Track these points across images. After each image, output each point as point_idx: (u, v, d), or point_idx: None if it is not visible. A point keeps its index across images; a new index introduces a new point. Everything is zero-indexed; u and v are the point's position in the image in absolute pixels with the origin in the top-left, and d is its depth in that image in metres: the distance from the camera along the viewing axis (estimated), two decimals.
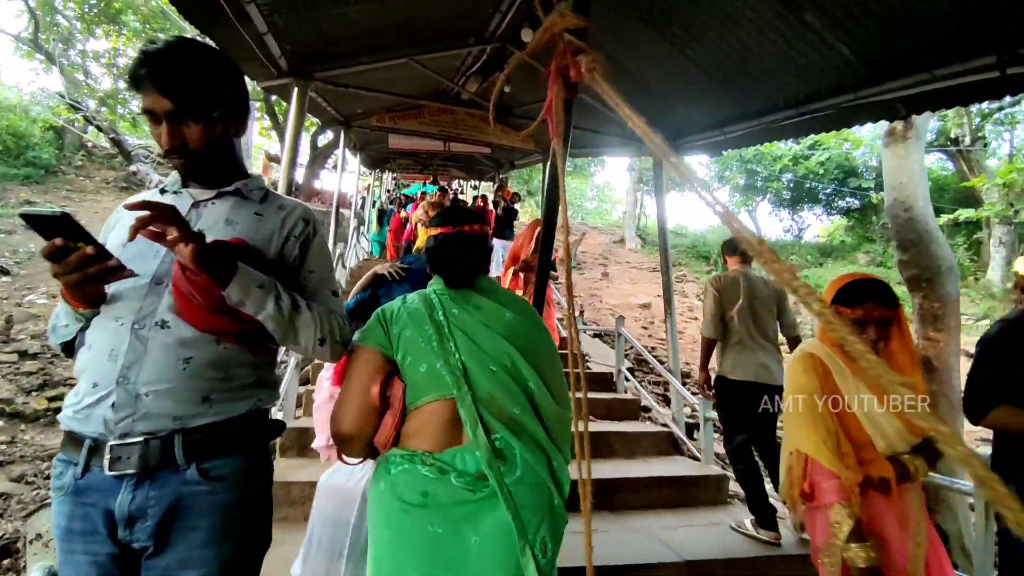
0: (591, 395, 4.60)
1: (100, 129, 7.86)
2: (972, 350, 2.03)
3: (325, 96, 5.28)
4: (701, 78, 3.73)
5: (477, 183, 15.11)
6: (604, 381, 5.14)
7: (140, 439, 1.00)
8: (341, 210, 12.45)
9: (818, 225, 19.68)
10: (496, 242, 7.36)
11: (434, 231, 1.37)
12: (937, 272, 4.50)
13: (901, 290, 5.33)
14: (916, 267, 4.54)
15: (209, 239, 1.07)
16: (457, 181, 18.02)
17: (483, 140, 8.04)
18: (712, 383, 3.36)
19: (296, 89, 3.90)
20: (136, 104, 17.63)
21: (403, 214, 10.30)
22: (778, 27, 2.93)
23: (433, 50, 4.37)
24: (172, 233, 0.93)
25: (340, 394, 1.24)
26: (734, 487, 3.63)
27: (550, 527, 1.14)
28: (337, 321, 1.20)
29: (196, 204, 1.16)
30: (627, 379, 5.08)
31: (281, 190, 3.82)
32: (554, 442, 1.21)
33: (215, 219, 1.14)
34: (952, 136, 11.27)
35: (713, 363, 3.33)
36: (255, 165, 17.23)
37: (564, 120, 0.77)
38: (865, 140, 14.99)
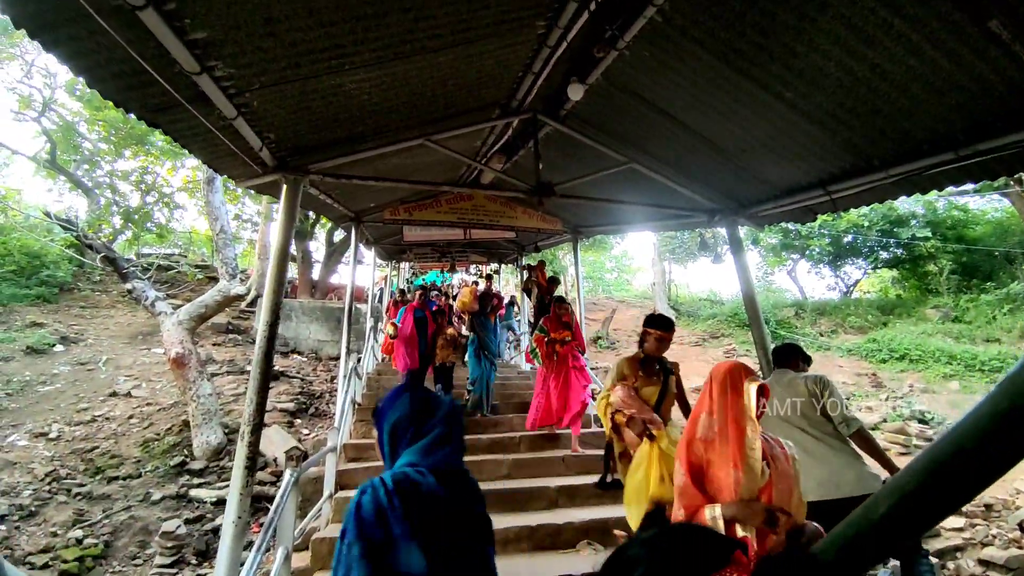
0: None
1: (91, 247, 7.39)
2: None
3: (329, 191, 4.58)
4: (800, 125, 2.87)
5: (498, 266, 14.42)
6: None
7: None
8: (357, 304, 11.82)
9: (865, 281, 18.33)
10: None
11: None
12: None
13: None
14: None
15: None
16: (476, 266, 17.46)
17: (506, 224, 7.38)
18: None
19: (285, 187, 3.13)
20: (163, 215, 17.86)
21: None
22: (942, 39, 2.06)
23: (451, 127, 3.64)
24: None
25: None
26: None
27: None
28: None
29: None
30: None
31: (265, 306, 2.91)
32: None
33: None
34: (1018, 176, 10.35)
35: None
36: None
37: None
38: None
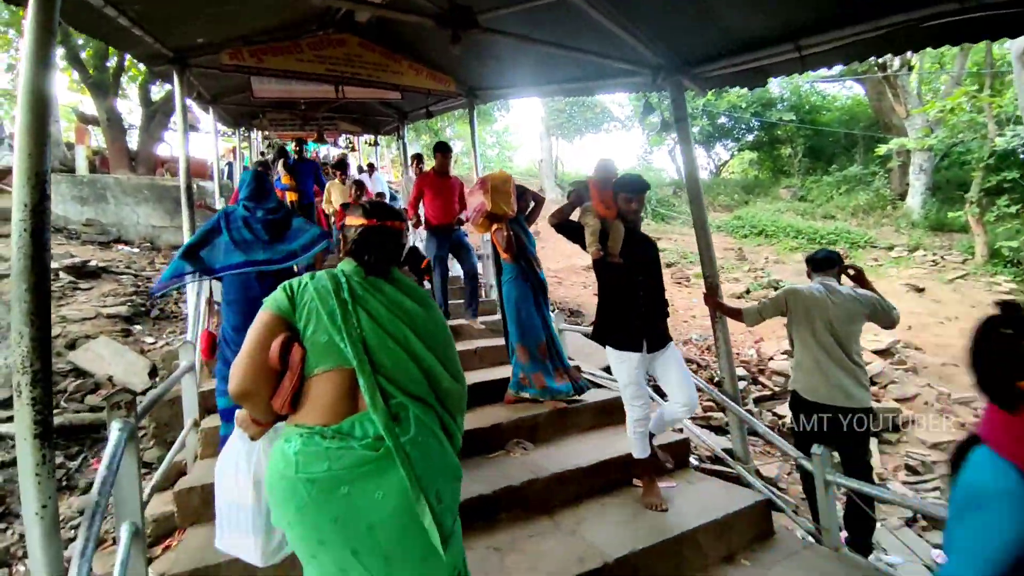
0: (593, 448, 3.12)
1: None
2: None
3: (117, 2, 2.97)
4: None
5: (374, 138, 12.49)
6: (606, 412, 3.33)
7: None
8: (200, 182, 9.47)
9: (731, 162, 19.61)
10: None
11: (357, 221, 1.44)
12: None
13: None
14: None
15: None
16: (346, 137, 15.08)
17: (389, 82, 5.94)
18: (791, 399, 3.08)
19: None
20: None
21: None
22: None
23: None
24: None
25: (239, 353, 1.29)
26: None
27: (443, 480, 1.27)
28: None
29: None
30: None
31: (20, 176, 1.70)
32: (446, 408, 1.36)
33: None
34: (879, 62, 10.99)
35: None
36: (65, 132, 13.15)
37: None
38: None
